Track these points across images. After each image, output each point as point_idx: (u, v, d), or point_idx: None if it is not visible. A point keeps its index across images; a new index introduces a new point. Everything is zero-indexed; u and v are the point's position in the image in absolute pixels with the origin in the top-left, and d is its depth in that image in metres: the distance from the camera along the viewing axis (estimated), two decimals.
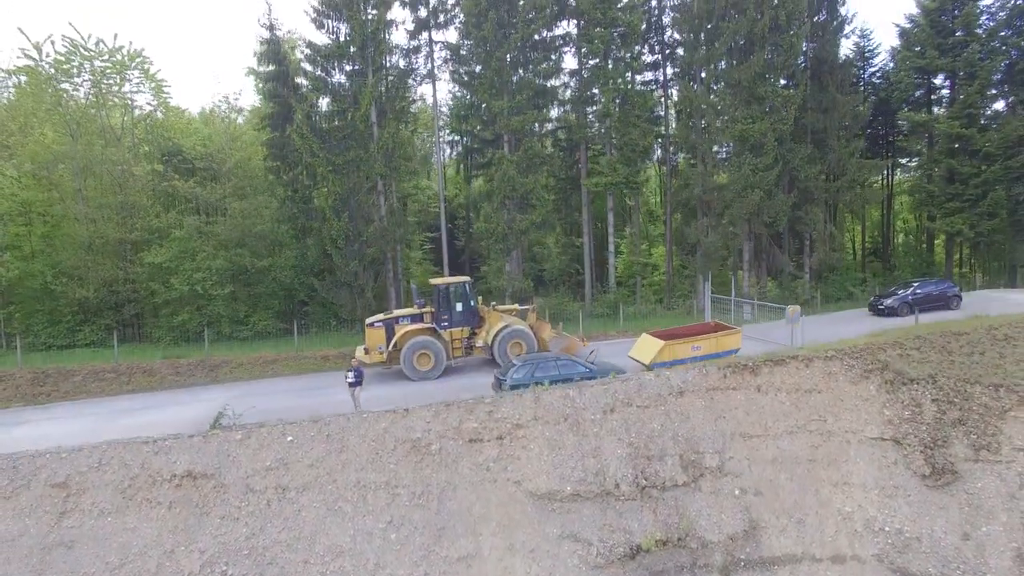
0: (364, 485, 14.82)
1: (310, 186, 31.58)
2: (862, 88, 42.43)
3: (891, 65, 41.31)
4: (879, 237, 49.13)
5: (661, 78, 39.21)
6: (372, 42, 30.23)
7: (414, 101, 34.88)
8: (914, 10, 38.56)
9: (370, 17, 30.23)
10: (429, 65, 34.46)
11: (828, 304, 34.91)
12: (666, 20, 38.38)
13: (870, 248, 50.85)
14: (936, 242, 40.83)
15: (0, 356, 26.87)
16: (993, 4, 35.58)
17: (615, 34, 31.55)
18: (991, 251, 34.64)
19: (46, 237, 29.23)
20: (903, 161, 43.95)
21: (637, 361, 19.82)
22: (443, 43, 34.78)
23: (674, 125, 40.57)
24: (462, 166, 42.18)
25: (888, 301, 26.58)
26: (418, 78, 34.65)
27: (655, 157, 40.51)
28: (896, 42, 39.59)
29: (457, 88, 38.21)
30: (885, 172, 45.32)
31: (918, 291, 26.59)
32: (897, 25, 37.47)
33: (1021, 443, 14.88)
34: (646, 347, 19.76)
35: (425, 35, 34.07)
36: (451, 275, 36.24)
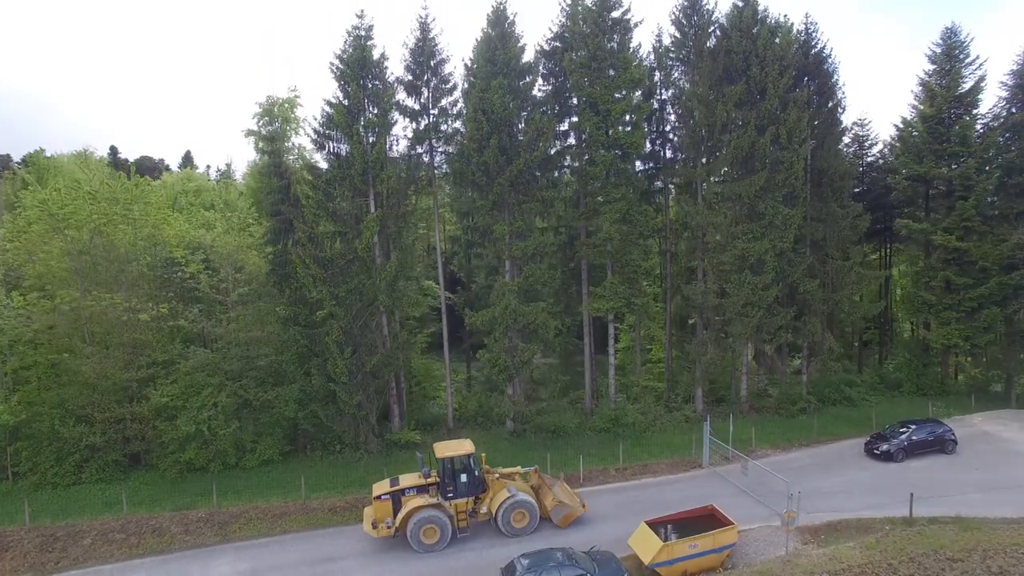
0: None
1: (313, 303, 31.73)
2: (860, 172, 42.71)
3: (889, 151, 41.63)
4: (877, 298, 49.27)
5: (661, 162, 39.31)
6: (373, 168, 30.31)
7: (414, 210, 34.96)
8: (911, 101, 39.01)
9: (370, 143, 30.34)
10: (430, 173, 34.66)
11: (824, 408, 35.52)
12: (669, 115, 38.63)
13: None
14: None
15: (6, 495, 27.24)
16: (988, 113, 35.81)
17: (617, 153, 31.61)
18: (988, 359, 34.99)
19: (54, 365, 29.37)
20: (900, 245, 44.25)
21: (636, 553, 20.36)
22: (444, 151, 34.89)
23: (673, 207, 40.85)
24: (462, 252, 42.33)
25: (884, 446, 27.09)
26: (418, 186, 34.71)
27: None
28: (894, 130, 40.03)
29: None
30: (883, 246, 45.78)
31: (913, 437, 27.12)
32: (896, 126, 37.69)
33: None
34: (645, 543, 20.24)
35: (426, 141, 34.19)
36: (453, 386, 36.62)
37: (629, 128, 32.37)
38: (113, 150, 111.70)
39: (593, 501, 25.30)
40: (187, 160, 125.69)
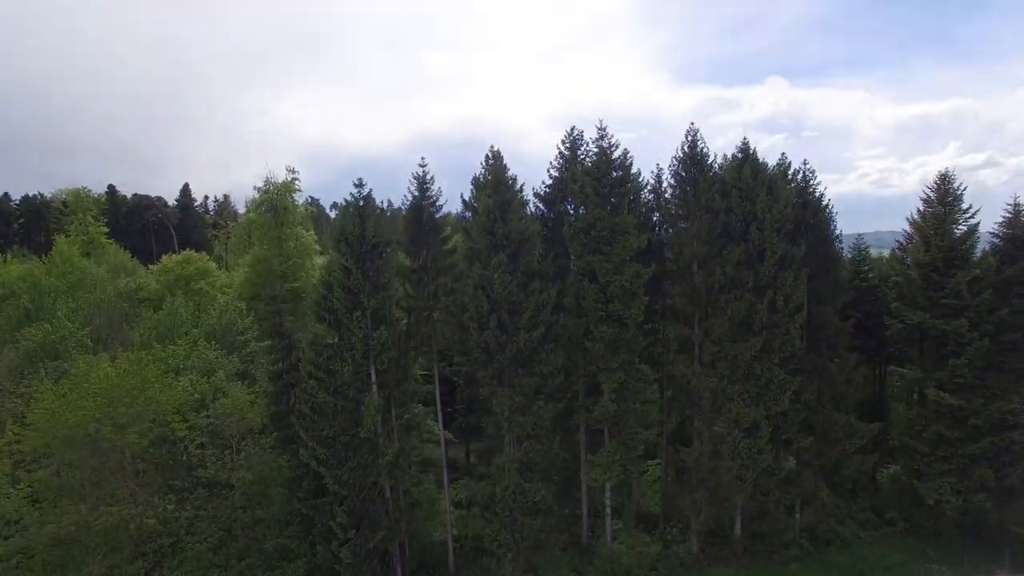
0: None
1: (316, 470, 32.24)
2: (856, 296, 42.98)
3: (886, 283, 41.99)
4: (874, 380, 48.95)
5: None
6: (374, 350, 30.62)
7: (415, 362, 35.41)
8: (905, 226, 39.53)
9: (371, 327, 30.63)
10: (430, 330, 35.02)
11: (817, 552, 36.24)
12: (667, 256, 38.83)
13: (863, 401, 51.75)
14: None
15: None
16: (981, 263, 36.08)
17: (616, 329, 31.90)
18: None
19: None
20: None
21: None
22: (445, 305, 35.17)
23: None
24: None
25: None
26: (418, 342, 35.07)
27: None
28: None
29: None
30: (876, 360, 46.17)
31: None
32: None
33: None
34: None
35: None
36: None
37: (628, 297, 32.54)
38: (111, 189, 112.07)
39: None
40: (185, 193, 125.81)
